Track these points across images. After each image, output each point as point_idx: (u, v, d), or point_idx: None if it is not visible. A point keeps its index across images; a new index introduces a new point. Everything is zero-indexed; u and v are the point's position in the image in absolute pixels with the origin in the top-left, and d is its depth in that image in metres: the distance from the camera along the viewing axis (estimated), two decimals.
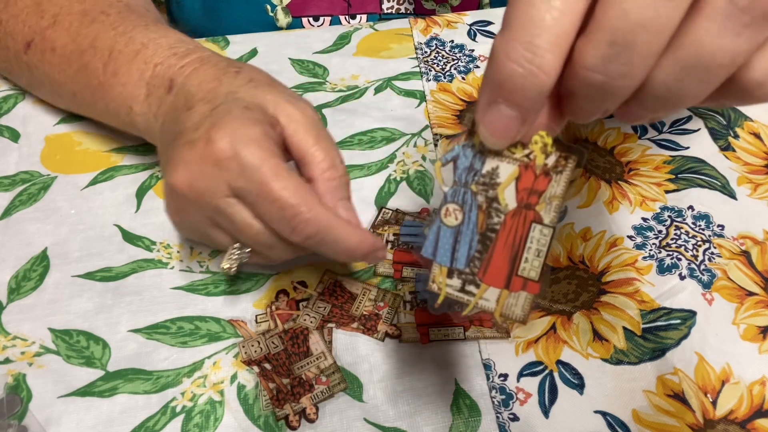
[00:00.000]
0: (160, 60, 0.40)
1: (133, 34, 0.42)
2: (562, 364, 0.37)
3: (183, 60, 0.40)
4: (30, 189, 0.46)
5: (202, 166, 0.33)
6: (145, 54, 0.41)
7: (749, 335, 0.37)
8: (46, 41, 0.45)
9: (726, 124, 0.48)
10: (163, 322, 0.39)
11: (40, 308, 0.40)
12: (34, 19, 0.46)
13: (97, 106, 0.44)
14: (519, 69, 0.21)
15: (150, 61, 0.41)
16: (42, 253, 0.42)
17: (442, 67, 0.54)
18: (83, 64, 0.43)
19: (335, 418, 0.35)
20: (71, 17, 0.45)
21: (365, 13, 0.62)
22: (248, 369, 0.37)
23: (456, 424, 0.35)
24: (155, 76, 0.40)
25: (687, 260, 0.41)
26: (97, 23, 0.44)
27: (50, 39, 0.45)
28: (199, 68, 0.39)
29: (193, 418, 0.35)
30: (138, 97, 0.41)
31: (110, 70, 0.42)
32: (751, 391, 0.35)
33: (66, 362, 0.37)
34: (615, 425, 0.34)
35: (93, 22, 0.44)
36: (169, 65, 0.40)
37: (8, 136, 0.49)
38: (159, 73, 0.40)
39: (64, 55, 0.44)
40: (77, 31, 0.44)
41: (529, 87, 0.21)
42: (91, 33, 0.44)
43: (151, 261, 0.42)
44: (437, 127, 0.49)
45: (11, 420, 0.35)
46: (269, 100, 0.36)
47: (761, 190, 0.44)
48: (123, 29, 0.43)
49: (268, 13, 0.61)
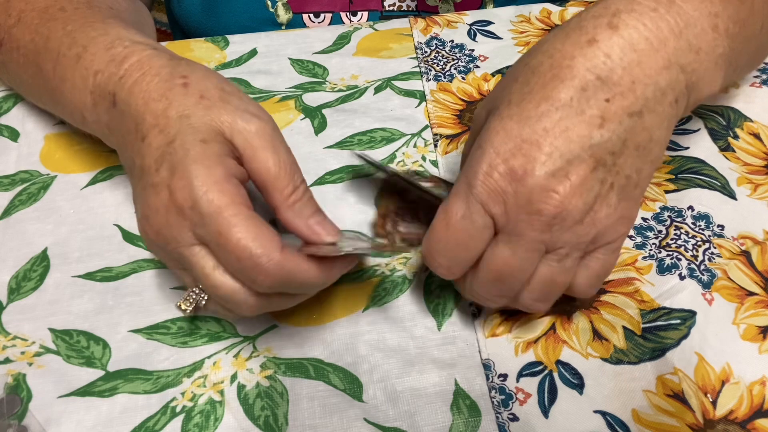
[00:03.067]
0: (100, 67, 0.38)
1: (77, 35, 0.40)
2: (561, 364, 0.37)
3: (121, 67, 0.37)
4: (30, 188, 0.46)
5: (167, 215, 0.32)
6: (85, 59, 0.39)
7: (749, 335, 0.37)
8: (12, 40, 0.44)
9: (726, 124, 0.48)
10: (164, 322, 0.39)
11: (40, 308, 0.40)
12: (3, 17, 0.45)
13: (57, 109, 0.44)
14: (442, 270, 0.34)
15: (90, 68, 0.38)
16: (42, 253, 0.42)
17: (442, 66, 0.54)
18: (38, 66, 0.42)
19: (335, 418, 0.35)
20: (34, 14, 0.43)
21: (366, 10, 0.62)
22: (248, 369, 0.37)
23: (456, 424, 0.35)
24: (97, 85, 0.38)
25: (687, 260, 0.41)
26: (52, 21, 0.42)
27: (15, 38, 0.44)
28: (140, 79, 0.36)
29: (193, 418, 0.35)
30: (86, 105, 0.39)
31: (59, 75, 0.40)
32: (751, 391, 0.35)
33: (66, 362, 0.37)
34: (615, 425, 0.34)
35: (50, 19, 0.43)
36: (109, 74, 0.37)
37: (7, 135, 0.49)
38: (100, 83, 0.38)
39: (26, 54, 0.43)
40: (36, 29, 0.43)
41: (445, 275, 0.35)
42: (45, 32, 0.42)
43: (151, 261, 0.42)
44: (437, 127, 0.49)
45: (11, 420, 0.35)
46: (224, 122, 0.34)
47: (761, 190, 0.44)
48: (71, 28, 0.41)
49: (268, 8, 0.61)
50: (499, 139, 0.31)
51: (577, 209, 0.31)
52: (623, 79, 0.31)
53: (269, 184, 0.34)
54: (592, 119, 0.31)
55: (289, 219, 0.34)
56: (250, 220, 0.31)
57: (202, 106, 0.34)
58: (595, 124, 0.31)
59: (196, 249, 0.32)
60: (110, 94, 0.37)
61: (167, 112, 0.34)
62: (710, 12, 0.34)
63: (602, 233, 0.32)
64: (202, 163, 0.32)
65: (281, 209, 0.34)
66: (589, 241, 0.32)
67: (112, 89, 0.37)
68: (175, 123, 0.33)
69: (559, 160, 0.30)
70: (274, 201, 0.34)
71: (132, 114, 0.35)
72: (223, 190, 0.31)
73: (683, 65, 0.32)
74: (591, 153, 0.31)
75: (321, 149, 0.48)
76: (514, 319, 0.39)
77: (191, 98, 0.34)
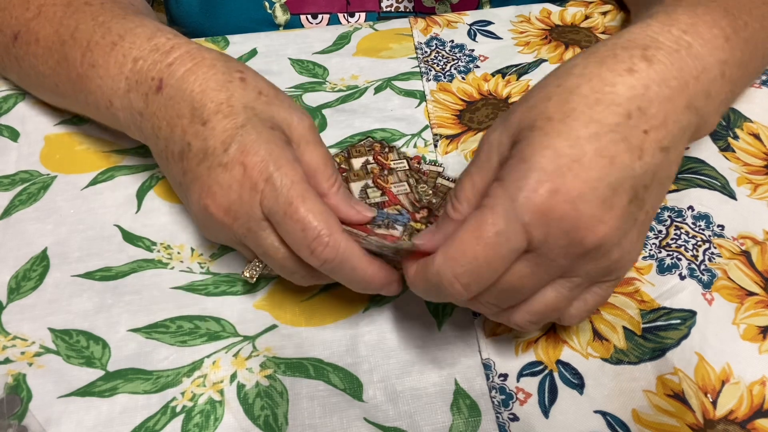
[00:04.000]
0: (141, 54, 0.39)
1: (111, 25, 0.42)
2: (561, 364, 0.37)
3: (169, 56, 0.38)
4: (30, 188, 0.46)
5: (240, 191, 0.34)
6: (123, 46, 0.40)
7: (749, 335, 0.37)
8: (30, 33, 0.45)
9: (725, 125, 0.48)
10: (163, 321, 0.39)
11: (40, 308, 0.40)
12: (20, 11, 0.46)
13: (78, 98, 0.44)
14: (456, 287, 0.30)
15: (128, 55, 0.40)
16: (42, 253, 0.42)
17: (442, 66, 0.54)
18: (63, 55, 0.43)
19: (335, 417, 0.35)
20: (55, 8, 0.44)
21: (364, 11, 0.62)
22: (248, 368, 0.37)
23: (456, 424, 0.35)
24: (137, 71, 0.39)
25: (687, 260, 0.41)
26: (78, 13, 0.43)
27: (34, 30, 0.45)
28: (194, 69, 0.38)
29: (193, 418, 0.35)
30: (117, 92, 0.40)
31: (87, 62, 0.41)
32: (751, 391, 0.35)
33: (66, 362, 0.37)
34: (615, 425, 0.34)
35: (75, 12, 0.44)
36: (153, 61, 0.39)
37: (7, 135, 0.49)
38: (141, 69, 0.39)
39: (47, 46, 0.44)
40: (60, 21, 0.44)
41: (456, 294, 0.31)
42: (72, 23, 0.43)
43: (151, 261, 0.42)
44: (437, 127, 0.49)
45: (11, 420, 0.35)
46: (283, 118, 0.37)
47: (761, 190, 0.44)
48: (102, 20, 0.42)
49: (266, 10, 0.61)
50: (547, 155, 0.29)
51: (613, 242, 0.29)
52: (659, 113, 0.30)
53: (319, 173, 0.36)
54: (634, 149, 0.29)
55: (336, 202, 0.36)
56: (317, 198, 0.34)
57: (262, 101, 0.37)
58: (636, 154, 0.29)
59: (264, 224, 0.34)
60: (155, 80, 0.38)
61: (230, 101, 0.36)
62: (720, 59, 0.34)
63: (617, 268, 0.31)
64: (275, 144, 0.35)
65: (329, 195, 0.36)
66: (604, 273, 0.31)
67: (158, 75, 0.38)
68: (241, 111, 0.36)
69: (608, 188, 0.29)
70: (322, 187, 0.36)
71: (186, 99, 0.37)
72: (295, 168, 0.34)
73: (698, 108, 0.32)
74: (631, 184, 0.29)
75: None
76: None
77: (251, 93, 0.37)
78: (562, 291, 0.32)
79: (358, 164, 0.41)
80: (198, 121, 0.36)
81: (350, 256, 0.33)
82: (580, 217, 0.28)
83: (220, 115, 0.36)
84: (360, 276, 0.34)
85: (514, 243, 0.29)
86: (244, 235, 0.35)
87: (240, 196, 0.34)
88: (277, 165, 0.34)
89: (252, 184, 0.34)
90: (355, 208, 0.36)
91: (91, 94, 0.42)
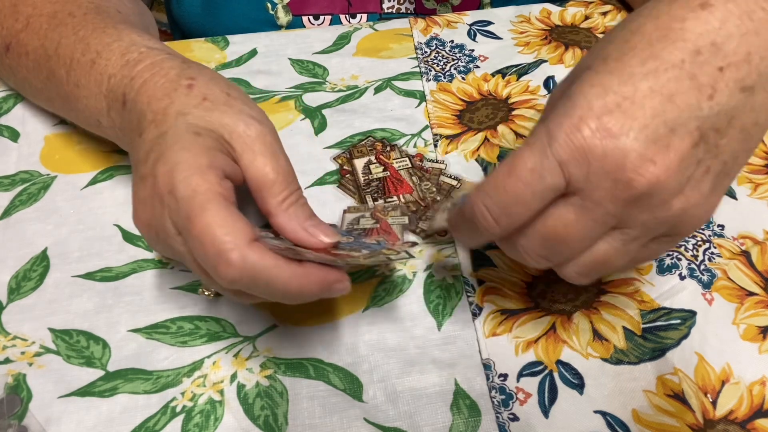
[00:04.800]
0: (114, 71, 0.38)
1: (90, 40, 0.40)
2: (561, 364, 0.37)
3: (133, 70, 0.37)
4: (30, 189, 0.46)
5: (152, 204, 0.31)
6: (100, 64, 0.39)
7: (749, 335, 0.37)
8: (20, 45, 0.44)
9: None
10: (163, 321, 0.39)
11: (40, 308, 0.40)
12: (10, 21, 0.45)
13: (71, 115, 0.44)
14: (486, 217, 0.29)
15: (104, 73, 0.39)
16: (42, 253, 0.42)
17: (442, 67, 0.54)
18: (51, 70, 0.42)
19: (335, 418, 0.35)
20: (42, 19, 0.44)
21: (366, 12, 0.62)
22: (248, 369, 0.37)
23: (456, 424, 0.35)
24: (111, 89, 0.38)
25: (687, 260, 0.41)
26: (62, 26, 0.42)
27: (24, 42, 0.44)
28: (148, 80, 0.36)
29: (193, 418, 0.35)
30: (101, 111, 0.39)
31: (72, 81, 0.41)
32: (751, 391, 0.35)
33: (66, 362, 0.37)
34: (615, 425, 0.34)
35: (59, 24, 0.43)
36: (121, 77, 0.37)
37: (8, 135, 0.49)
38: (113, 86, 0.38)
39: (36, 59, 0.43)
40: (45, 35, 0.43)
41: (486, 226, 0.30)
42: (55, 38, 0.42)
43: (151, 261, 0.42)
44: (437, 127, 0.49)
45: (11, 420, 0.35)
46: (225, 125, 0.33)
47: (761, 190, 0.44)
48: (83, 34, 0.41)
49: (268, 11, 0.61)
50: (594, 92, 0.27)
51: (670, 188, 0.27)
52: (740, 48, 0.27)
53: (265, 189, 0.33)
54: (703, 88, 0.27)
55: (283, 223, 0.32)
56: (223, 208, 0.29)
57: (203, 107, 0.34)
58: (706, 93, 0.27)
59: (180, 239, 0.31)
60: (122, 95, 0.37)
61: (167, 110, 0.34)
62: None
63: (681, 223, 0.29)
64: (189, 151, 0.31)
65: (275, 213, 0.33)
66: (665, 228, 0.29)
67: (121, 90, 0.37)
68: (171, 119, 0.33)
69: (663, 126, 0.26)
70: (269, 206, 0.33)
71: (137, 112, 0.35)
72: (203, 177, 0.30)
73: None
74: (697, 125, 0.27)
75: (321, 149, 0.48)
76: (515, 319, 0.39)
77: (194, 99, 0.34)
78: (614, 244, 0.29)
79: (360, 165, 0.41)
80: (137, 133, 0.34)
81: (263, 271, 0.29)
82: (625, 156, 0.26)
83: (153, 126, 0.33)
84: (281, 289, 0.30)
85: (549, 181, 0.27)
86: (170, 251, 0.32)
87: (153, 210, 0.31)
88: (184, 174, 0.30)
89: (159, 197, 0.30)
90: (308, 231, 0.32)
91: (81, 113, 0.41)
